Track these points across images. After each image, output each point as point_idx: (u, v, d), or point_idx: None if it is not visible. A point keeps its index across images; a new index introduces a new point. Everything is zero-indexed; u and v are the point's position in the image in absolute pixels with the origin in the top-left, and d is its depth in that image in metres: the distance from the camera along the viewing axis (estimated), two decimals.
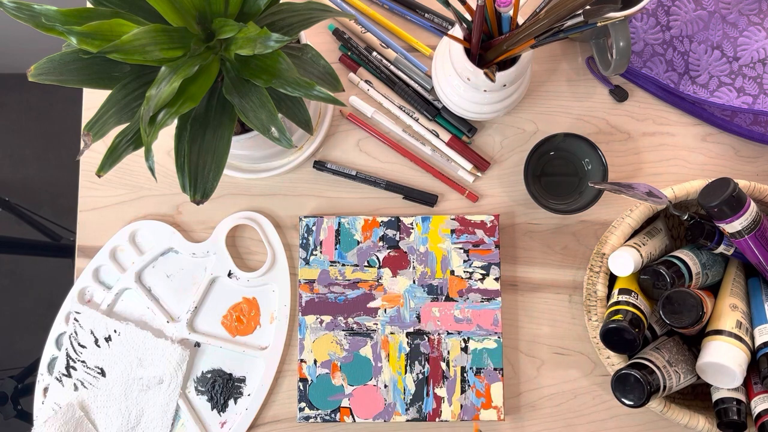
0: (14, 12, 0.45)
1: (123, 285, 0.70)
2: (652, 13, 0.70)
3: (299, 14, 0.53)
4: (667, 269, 0.60)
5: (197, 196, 0.50)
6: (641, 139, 0.73)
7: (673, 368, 0.59)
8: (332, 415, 0.67)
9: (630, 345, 0.58)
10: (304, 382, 0.67)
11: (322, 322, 0.68)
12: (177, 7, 0.47)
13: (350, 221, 0.69)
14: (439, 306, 0.68)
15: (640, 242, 0.63)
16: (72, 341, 0.69)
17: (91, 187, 0.72)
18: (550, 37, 0.56)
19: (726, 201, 0.56)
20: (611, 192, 0.62)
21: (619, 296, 0.61)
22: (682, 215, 0.61)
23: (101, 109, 0.48)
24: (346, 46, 0.73)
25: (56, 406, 0.68)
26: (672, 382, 0.59)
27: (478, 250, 0.69)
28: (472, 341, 0.68)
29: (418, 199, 0.71)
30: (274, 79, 0.47)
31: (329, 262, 0.69)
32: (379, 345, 0.68)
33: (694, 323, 0.57)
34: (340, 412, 0.67)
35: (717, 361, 0.58)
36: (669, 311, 0.58)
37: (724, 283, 0.65)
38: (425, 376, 0.67)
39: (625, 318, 0.58)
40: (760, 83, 0.69)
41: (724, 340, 0.59)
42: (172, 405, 0.68)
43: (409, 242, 0.69)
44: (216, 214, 0.71)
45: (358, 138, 0.73)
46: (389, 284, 0.69)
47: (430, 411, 0.67)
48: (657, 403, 0.61)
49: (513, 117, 0.73)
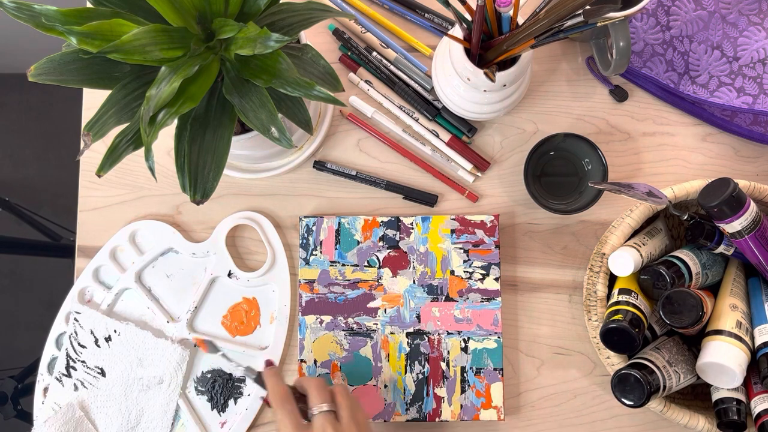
0: (14, 12, 0.45)
1: (123, 285, 0.70)
2: (652, 13, 0.70)
3: (299, 14, 0.53)
4: (667, 269, 0.60)
5: (197, 196, 0.50)
6: (641, 139, 0.72)
7: (673, 368, 0.59)
8: None
9: (630, 345, 0.58)
10: None
11: (322, 322, 0.68)
12: (177, 7, 0.47)
13: (350, 221, 0.69)
14: (439, 306, 0.68)
15: (640, 242, 0.63)
16: (72, 341, 0.69)
17: (91, 187, 0.72)
18: (550, 37, 0.56)
19: (726, 201, 0.56)
20: (611, 192, 0.62)
21: (619, 296, 0.61)
22: (682, 215, 0.61)
23: (101, 109, 0.48)
24: (346, 46, 0.73)
25: (56, 406, 0.68)
26: (672, 382, 0.59)
27: (478, 250, 0.69)
28: (472, 341, 0.68)
29: (418, 199, 0.71)
30: (274, 79, 0.47)
31: (329, 262, 0.69)
32: (379, 345, 0.68)
33: (694, 323, 0.57)
34: None
35: (717, 361, 0.58)
36: (669, 311, 0.58)
37: (724, 283, 0.65)
38: (425, 376, 0.67)
39: (625, 318, 0.58)
40: (760, 83, 0.69)
41: (724, 340, 0.59)
42: (172, 405, 0.68)
43: (409, 242, 0.69)
44: (216, 214, 0.71)
45: (358, 138, 0.73)
46: (389, 284, 0.69)
47: (430, 411, 0.67)
48: (657, 403, 0.61)
49: (513, 117, 0.73)
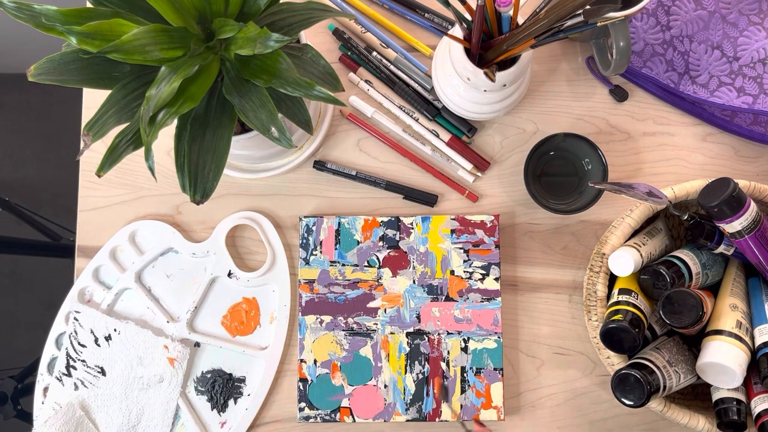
0: (14, 12, 0.45)
1: (123, 285, 0.70)
2: (652, 13, 0.70)
3: (299, 14, 0.53)
4: (667, 269, 0.60)
5: (197, 196, 0.50)
6: (641, 139, 0.72)
7: (673, 368, 0.59)
8: (332, 415, 0.67)
9: (630, 345, 0.58)
10: (304, 382, 0.67)
11: (322, 322, 0.68)
12: (177, 7, 0.47)
13: (350, 221, 0.69)
14: (439, 306, 0.68)
15: (640, 242, 0.63)
16: (72, 340, 0.69)
17: (91, 187, 0.72)
18: (550, 37, 0.56)
19: (726, 201, 0.56)
20: (611, 192, 0.62)
21: (619, 296, 0.61)
22: (682, 215, 0.61)
23: (101, 109, 0.48)
24: (346, 46, 0.73)
25: (56, 406, 0.68)
26: (672, 382, 0.59)
27: (478, 250, 0.69)
28: (472, 341, 0.68)
29: (418, 199, 0.71)
30: (274, 79, 0.47)
31: (329, 262, 0.69)
32: (379, 345, 0.68)
33: (694, 323, 0.57)
34: (340, 412, 0.67)
35: (717, 361, 0.58)
36: (669, 311, 0.58)
37: (724, 283, 0.65)
38: (425, 376, 0.67)
39: (625, 318, 0.58)
40: (760, 83, 0.69)
41: (724, 340, 0.59)
42: (172, 403, 0.68)
43: (409, 242, 0.69)
44: (216, 214, 0.71)
45: (358, 138, 0.73)
46: (389, 284, 0.69)
47: (430, 411, 0.67)
48: (657, 403, 0.61)
49: (513, 117, 0.73)
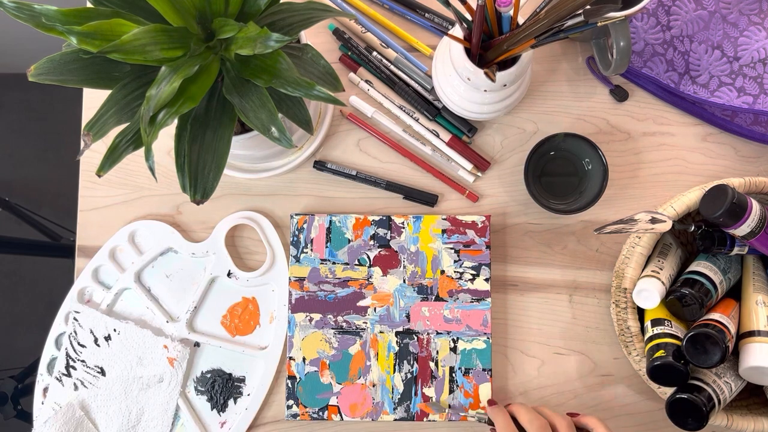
0: (14, 12, 0.45)
1: (122, 285, 0.70)
2: (652, 13, 0.70)
3: (299, 14, 0.53)
4: (691, 289, 0.60)
5: (197, 196, 0.50)
6: (641, 139, 0.72)
7: (722, 380, 0.59)
8: (320, 413, 0.67)
9: (680, 378, 0.58)
10: (292, 379, 0.67)
11: (311, 319, 0.68)
12: (177, 7, 0.47)
13: (341, 219, 0.69)
14: (429, 306, 0.68)
15: (658, 267, 0.63)
16: (72, 341, 0.69)
17: (91, 187, 0.72)
18: (551, 37, 0.56)
19: (728, 210, 0.56)
20: (617, 233, 0.61)
21: (654, 329, 0.61)
22: (688, 228, 0.61)
23: (101, 109, 0.48)
24: (346, 46, 0.73)
25: (56, 406, 0.68)
26: (725, 395, 0.59)
27: (469, 251, 0.69)
28: (461, 341, 0.68)
29: (419, 199, 0.71)
30: (274, 79, 0.47)
31: (320, 260, 0.69)
32: (368, 344, 0.68)
33: (723, 357, 0.56)
34: (328, 410, 0.67)
35: (758, 364, 0.57)
36: (694, 354, 0.57)
37: (745, 279, 0.64)
38: (414, 375, 0.67)
39: (668, 353, 0.58)
40: (760, 83, 0.69)
41: (759, 341, 0.58)
42: (172, 403, 0.68)
43: (399, 241, 0.69)
44: (216, 214, 0.71)
45: (358, 138, 0.73)
46: (379, 283, 0.69)
47: (418, 411, 0.67)
48: (720, 419, 0.61)
49: (513, 117, 0.73)
